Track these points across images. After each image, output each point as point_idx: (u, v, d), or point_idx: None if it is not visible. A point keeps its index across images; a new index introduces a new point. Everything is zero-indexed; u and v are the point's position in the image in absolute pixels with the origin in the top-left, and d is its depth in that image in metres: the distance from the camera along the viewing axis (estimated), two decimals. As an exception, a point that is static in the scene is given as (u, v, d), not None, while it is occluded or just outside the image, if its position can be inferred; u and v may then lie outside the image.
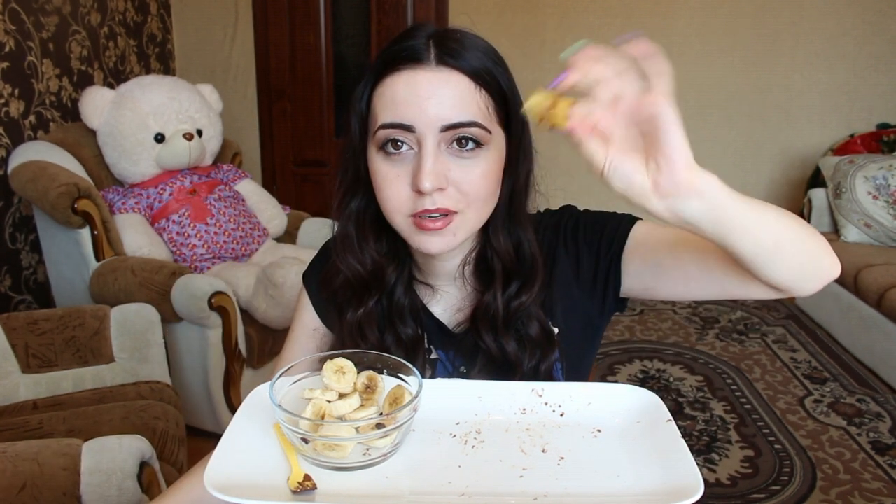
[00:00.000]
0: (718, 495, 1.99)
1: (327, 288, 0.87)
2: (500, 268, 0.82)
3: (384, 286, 0.84)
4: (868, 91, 3.84)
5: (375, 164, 0.75)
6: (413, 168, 0.73)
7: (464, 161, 0.73)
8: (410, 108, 0.71)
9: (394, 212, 0.75)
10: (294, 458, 0.65)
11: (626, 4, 3.77)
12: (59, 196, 1.95)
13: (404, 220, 0.75)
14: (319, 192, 3.99)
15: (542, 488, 0.62)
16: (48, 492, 1.14)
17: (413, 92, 0.72)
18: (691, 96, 3.92)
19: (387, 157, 0.74)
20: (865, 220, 3.06)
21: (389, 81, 0.73)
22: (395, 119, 0.72)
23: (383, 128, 0.73)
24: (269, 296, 2.13)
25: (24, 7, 2.30)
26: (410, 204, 0.73)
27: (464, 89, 0.73)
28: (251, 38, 3.74)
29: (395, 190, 0.74)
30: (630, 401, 0.73)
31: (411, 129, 0.72)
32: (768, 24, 3.78)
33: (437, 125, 0.71)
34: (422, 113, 0.71)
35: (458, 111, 0.72)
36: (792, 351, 2.93)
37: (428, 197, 0.72)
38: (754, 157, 4.02)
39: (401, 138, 0.73)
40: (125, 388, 1.67)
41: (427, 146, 0.71)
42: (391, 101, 0.73)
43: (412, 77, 0.72)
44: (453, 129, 0.72)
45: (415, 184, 0.72)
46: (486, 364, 0.83)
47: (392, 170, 0.74)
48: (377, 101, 0.75)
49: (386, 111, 0.73)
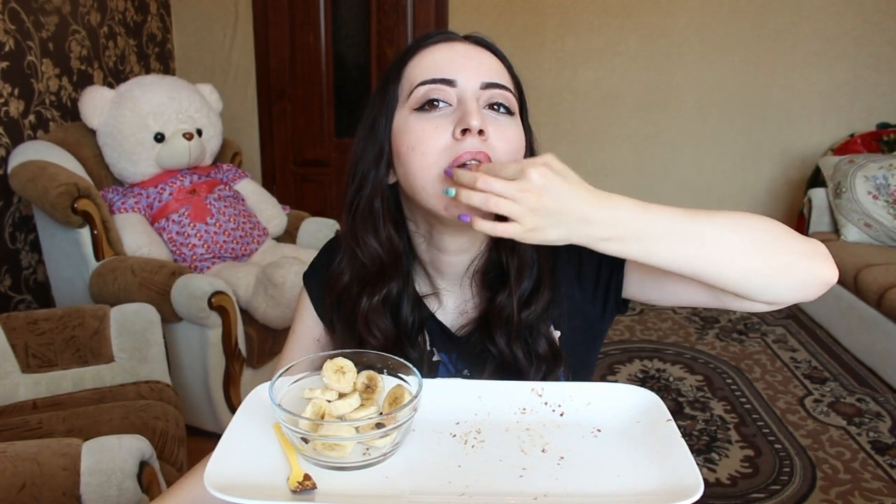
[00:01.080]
0: (718, 495, 1.99)
1: (334, 286, 0.85)
2: (517, 265, 0.81)
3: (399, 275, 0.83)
4: (868, 91, 3.84)
5: (408, 124, 0.74)
6: (454, 118, 0.73)
7: (499, 120, 0.75)
8: (451, 66, 0.74)
9: (428, 167, 0.72)
10: (294, 457, 0.65)
11: (626, 4, 3.77)
12: (59, 196, 1.95)
13: (436, 177, 0.72)
14: (319, 192, 3.99)
15: (542, 488, 0.62)
16: (48, 492, 1.14)
17: (453, 54, 0.75)
18: (691, 96, 3.92)
19: (423, 111, 0.74)
20: (865, 220, 3.06)
21: (426, 52, 0.77)
22: (437, 75, 0.74)
23: (423, 84, 0.74)
24: (269, 296, 2.13)
25: (23, 7, 2.30)
26: (448, 153, 0.72)
27: (496, 62, 0.78)
28: (251, 38, 3.74)
29: (431, 143, 0.72)
30: (630, 401, 0.73)
31: (452, 84, 0.74)
32: (768, 24, 3.78)
33: (478, 81, 0.74)
34: (462, 69, 0.74)
35: (495, 74, 0.76)
36: (792, 351, 2.93)
37: (470, 139, 0.71)
38: (754, 157, 4.02)
39: (439, 96, 0.74)
40: (125, 388, 1.67)
41: (469, 96, 0.73)
42: (431, 63, 0.75)
43: (450, 46, 0.77)
44: (491, 89, 0.75)
45: (461, 124, 0.71)
46: (495, 369, 0.82)
47: (429, 124, 0.73)
48: (413, 69, 0.76)
49: (426, 71, 0.75)
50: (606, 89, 3.93)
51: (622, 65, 3.89)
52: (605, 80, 3.91)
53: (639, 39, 3.84)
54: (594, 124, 3.98)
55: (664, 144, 4.02)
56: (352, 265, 0.83)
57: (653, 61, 3.87)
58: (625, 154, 4.04)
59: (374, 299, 0.81)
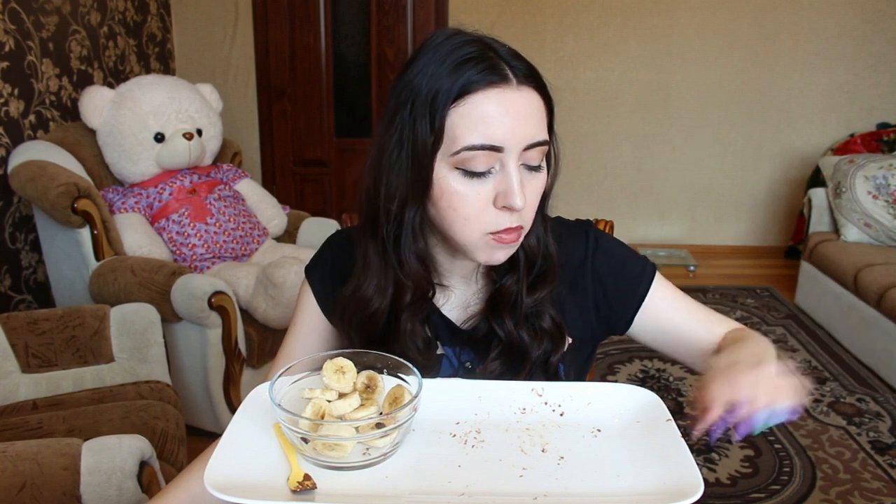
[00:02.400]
0: (718, 495, 1.99)
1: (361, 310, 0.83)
2: (524, 261, 0.83)
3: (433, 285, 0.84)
4: (868, 91, 3.84)
5: (450, 182, 0.74)
6: (497, 186, 0.74)
7: (531, 176, 0.76)
8: (499, 128, 0.72)
9: (471, 230, 0.75)
10: (294, 457, 0.65)
11: (626, 4, 3.77)
12: (59, 196, 1.95)
13: (480, 237, 0.76)
14: (319, 192, 3.99)
15: (542, 488, 0.62)
16: (48, 491, 1.14)
17: (503, 111, 0.72)
18: (691, 96, 3.92)
19: (466, 176, 0.74)
20: (865, 220, 3.06)
21: (475, 100, 0.72)
22: (486, 141, 0.72)
23: (470, 149, 0.72)
24: (268, 295, 2.13)
25: (23, 7, 2.30)
26: (490, 220, 0.75)
27: (539, 107, 0.76)
28: (251, 38, 3.74)
29: (475, 209, 0.74)
30: (630, 401, 0.73)
31: (499, 150, 0.73)
32: (768, 24, 3.78)
33: (522, 144, 0.73)
34: (510, 133, 0.72)
35: (537, 130, 0.75)
36: (792, 351, 2.93)
37: (509, 214, 0.74)
38: (754, 157, 4.02)
39: (485, 166, 0.73)
40: (125, 388, 1.66)
41: (511, 165, 0.73)
42: (480, 120, 0.72)
43: (501, 97, 0.72)
44: (532, 149, 0.74)
45: (503, 201, 0.73)
46: (499, 352, 0.84)
47: (472, 189, 0.74)
48: (460, 120, 0.72)
49: (473, 131, 0.72)
50: (606, 89, 3.93)
51: (622, 65, 3.89)
52: (605, 80, 3.91)
53: (639, 39, 3.84)
54: (594, 124, 3.99)
55: (664, 144, 4.03)
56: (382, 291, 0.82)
57: (653, 61, 3.87)
58: (625, 154, 4.04)
59: (417, 320, 0.83)
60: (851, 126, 3.87)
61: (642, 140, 4.02)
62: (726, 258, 4.10)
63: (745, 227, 4.15)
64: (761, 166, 4.03)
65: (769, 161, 4.02)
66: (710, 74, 3.88)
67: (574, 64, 3.87)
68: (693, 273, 3.83)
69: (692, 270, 3.84)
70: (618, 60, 3.88)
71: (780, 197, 4.07)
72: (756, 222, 4.14)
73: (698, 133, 3.99)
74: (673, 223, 4.16)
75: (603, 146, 4.02)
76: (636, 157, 4.05)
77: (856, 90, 3.84)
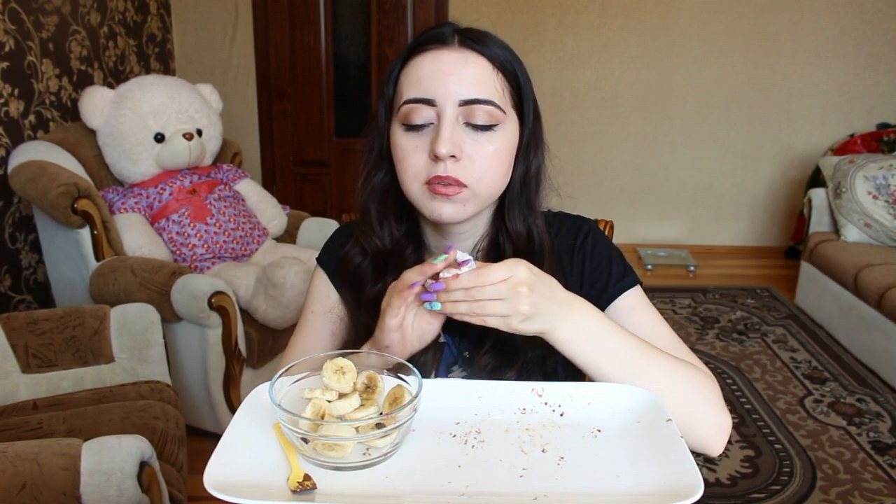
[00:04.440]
0: (718, 495, 1.99)
1: (347, 265, 0.90)
2: (512, 250, 0.86)
3: (402, 266, 0.86)
4: (868, 91, 3.84)
5: (397, 137, 0.81)
6: (431, 138, 0.79)
7: (478, 137, 0.79)
8: (433, 83, 0.78)
9: (410, 181, 0.81)
10: (294, 457, 0.65)
11: (626, 4, 3.77)
12: (59, 196, 1.95)
13: (419, 188, 0.80)
14: (319, 192, 3.99)
15: (542, 488, 0.62)
16: (48, 492, 1.14)
17: (437, 68, 0.79)
18: (691, 96, 3.92)
19: (408, 130, 0.80)
20: (865, 220, 3.06)
21: (415, 62, 0.80)
22: (419, 94, 0.79)
23: (407, 103, 0.79)
24: (269, 296, 2.13)
25: (24, 7, 2.30)
26: (426, 171, 0.79)
27: (483, 70, 0.80)
28: (251, 38, 3.74)
29: (413, 160, 0.80)
30: (630, 401, 0.73)
31: (432, 103, 0.78)
32: (768, 24, 3.78)
33: (457, 99, 0.78)
34: (442, 87, 0.78)
35: (476, 88, 0.78)
36: (792, 351, 2.93)
37: (442, 163, 0.78)
38: (754, 157, 4.02)
39: (419, 119, 0.79)
40: (125, 388, 1.66)
41: (445, 117, 0.78)
42: (416, 78, 0.79)
43: (437, 56, 0.79)
44: (470, 105, 0.78)
45: (432, 150, 0.78)
46: (491, 345, 0.85)
47: (411, 142, 0.80)
48: (403, 80, 0.81)
49: (411, 88, 0.80)
50: (606, 89, 3.93)
51: (622, 65, 3.89)
52: (605, 80, 3.91)
53: (639, 39, 3.84)
54: (594, 124, 3.99)
55: (664, 144, 4.03)
56: (362, 252, 0.89)
57: (653, 61, 3.87)
58: (625, 154, 4.04)
59: (378, 286, 0.87)
60: (851, 126, 3.87)
61: (642, 140, 4.02)
62: (726, 258, 4.10)
63: (745, 227, 4.15)
64: (761, 166, 4.03)
65: (769, 161, 4.02)
66: (710, 74, 3.88)
67: (574, 64, 3.87)
68: (693, 273, 3.82)
69: (692, 270, 3.84)
70: (618, 60, 3.88)
71: (780, 197, 4.07)
72: (756, 222, 4.14)
73: (698, 133, 3.99)
74: (673, 223, 4.16)
75: (603, 146, 4.02)
76: (636, 157, 4.05)
77: (856, 90, 3.84)
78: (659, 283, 3.66)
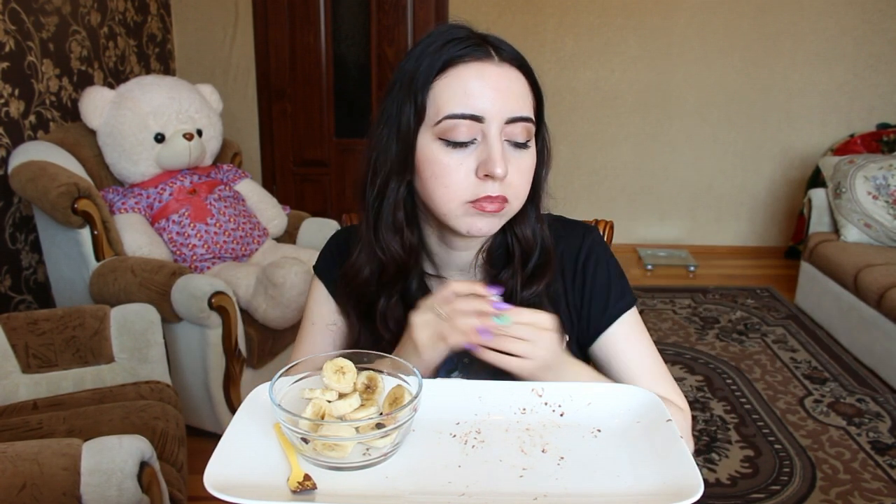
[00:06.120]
0: (718, 495, 1.99)
1: (353, 278, 0.87)
2: (520, 253, 0.85)
3: (407, 276, 0.86)
4: (868, 91, 3.84)
5: (433, 152, 0.77)
6: (479, 156, 0.76)
7: (517, 154, 0.78)
8: (481, 100, 0.75)
9: (450, 198, 0.77)
10: (294, 458, 0.65)
11: (626, 4, 3.77)
12: (59, 196, 1.95)
13: (459, 205, 0.77)
14: (319, 193, 3.99)
15: (542, 488, 0.62)
16: (48, 492, 1.14)
17: (483, 84, 0.76)
18: (691, 96, 3.92)
19: (448, 146, 0.76)
20: (865, 220, 3.06)
21: (455, 73, 0.76)
22: (466, 110, 0.75)
23: (451, 118, 0.75)
24: (269, 296, 2.13)
25: (24, 7, 2.30)
26: (472, 190, 0.77)
27: (522, 86, 0.79)
28: (251, 38, 3.74)
29: (456, 177, 0.76)
30: (630, 401, 0.73)
31: (480, 120, 0.75)
32: (768, 24, 3.78)
33: (504, 117, 0.76)
34: (490, 104, 0.75)
35: (519, 105, 0.77)
36: (792, 351, 2.93)
37: (492, 183, 0.76)
38: (754, 157, 4.02)
39: (466, 136, 0.76)
40: (125, 388, 1.66)
41: (493, 135, 0.76)
42: (461, 92, 0.76)
43: (481, 70, 0.76)
44: (515, 123, 0.77)
45: (484, 169, 0.75)
46: None
47: (454, 158, 0.76)
48: (442, 91, 0.76)
49: (454, 102, 0.76)
50: (606, 89, 3.93)
51: (622, 65, 3.89)
52: (605, 80, 3.91)
53: (639, 39, 3.84)
54: (594, 124, 3.99)
55: (664, 144, 4.03)
56: (371, 262, 0.85)
57: (653, 61, 3.87)
58: (625, 154, 4.04)
59: (392, 299, 0.85)
60: (851, 126, 3.87)
61: (642, 140, 4.02)
62: (726, 258, 4.10)
63: (745, 227, 4.15)
64: (761, 166, 4.03)
65: (769, 161, 4.02)
66: (710, 74, 3.88)
67: (574, 64, 3.87)
68: (693, 273, 3.82)
69: (692, 271, 3.84)
70: (618, 60, 3.88)
71: (780, 197, 4.07)
72: (756, 222, 4.14)
73: (698, 133, 3.99)
74: (673, 223, 4.16)
75: (603, 146, 4.02)
76: (636, 157, 4.05)
77: (856, 90, 3.84)
78: (659, 284, 3.66)
